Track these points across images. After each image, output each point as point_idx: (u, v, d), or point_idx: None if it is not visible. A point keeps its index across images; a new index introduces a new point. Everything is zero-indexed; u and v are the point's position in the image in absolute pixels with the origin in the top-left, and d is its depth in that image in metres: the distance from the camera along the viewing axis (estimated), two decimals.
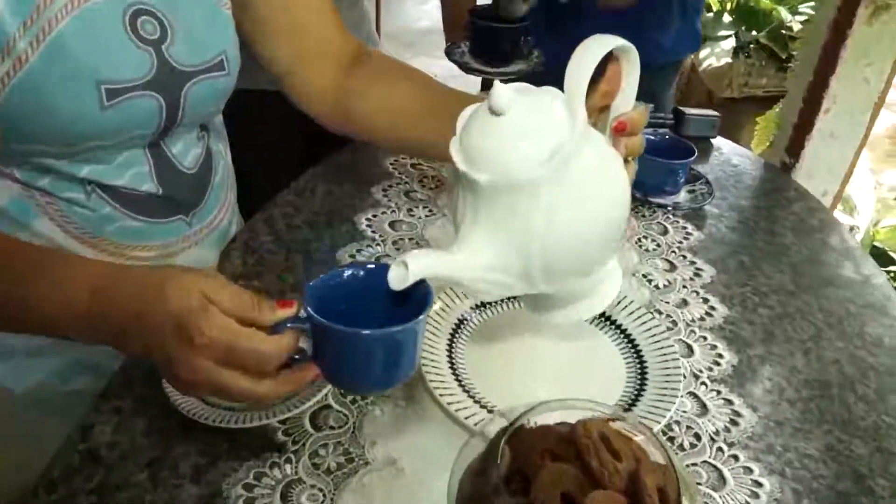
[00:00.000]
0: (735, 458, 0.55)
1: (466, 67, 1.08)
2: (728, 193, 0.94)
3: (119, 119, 0.56)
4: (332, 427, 0.55)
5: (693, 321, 0.70)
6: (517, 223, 0.44)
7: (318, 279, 0.44)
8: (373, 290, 0.44)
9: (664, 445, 0.36)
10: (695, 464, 0.55)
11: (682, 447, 0.56)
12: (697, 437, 0.57)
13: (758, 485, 0.53)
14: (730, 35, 2.54)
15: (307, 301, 0.42)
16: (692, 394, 0.61)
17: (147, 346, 0.42)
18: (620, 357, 0.63)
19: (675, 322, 0.69)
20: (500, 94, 0.43)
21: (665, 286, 0.75)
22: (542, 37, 1.10)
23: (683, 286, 0.75)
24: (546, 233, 0.44)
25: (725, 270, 0.78)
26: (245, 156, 0.84)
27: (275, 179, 0.88)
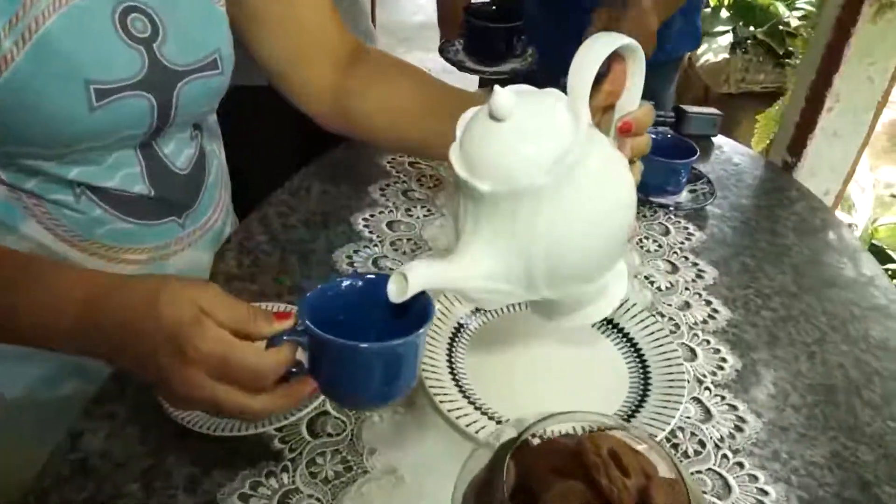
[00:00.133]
0: (740, 466, 0.54)
1: (460, 65, 1.06)
2: (729, 193, 0.93)
3: (109, 120, 0.54)
4: (330, 434, 0.54)
5: (696, 324, 0.69)
6: (520, 230, 0.43)
7: (316, 289, 0.43)
8: (372, 301, 0.42)
9: (674, 461, 0.35)
10: (699, 471, 0.54)
11: (687, 454, 0.55)
12: (702, 444, 0.56)
13: (763, 493, 0.53)
14: (727, 30, 2.53)
15: (304, 313, 0.40)
16: (696, 399, 0.60)
17: (139, 359, 0.41)
18: (623, 361, 0.62)
19: (678, 325, 0.68)
20: (502, 100, 0.42)
21: (667, 288, 0.74)
22: (539, 31, 1.09)
23: (686, 288, 0.74)
24: (550, 240, 0.43)
25: (728, 272, 0.77)
26: (239, 153, 0.83)
27: (270, 177, 0.87)
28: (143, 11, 0.56)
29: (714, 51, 2.50)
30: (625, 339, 0.64)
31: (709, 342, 0.67)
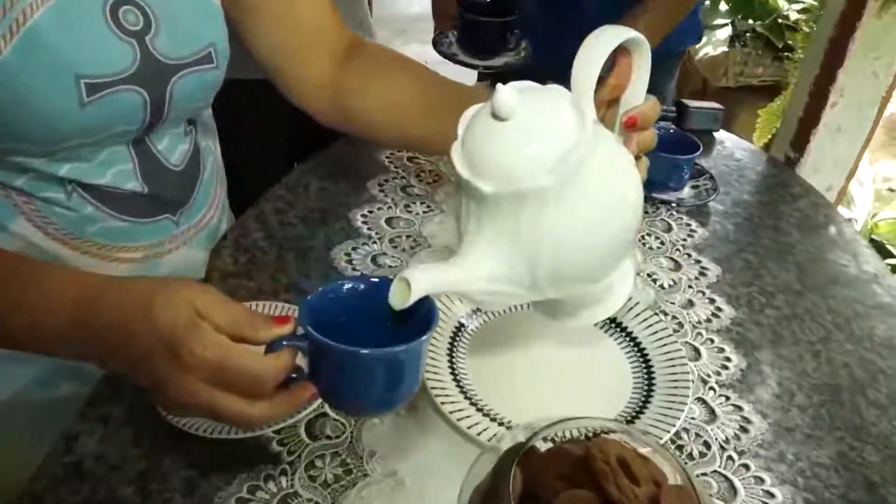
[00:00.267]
0: (746, 468, 0.54)
1: (453, 58, 1.05)
2: (731, 189, 0.92)
3: (101, 115, 0.53)
4: (329, 437, 0.53)
5: (699, 323, 0.68)
6: (523, 231, 0.42)
7: (316, 292, 0.41)
8: (374, 304, 0.41)
9: (684, 468, 0.34)
10: (705, 473, 0.53)
11: (692, 456, 0.54)
12: (707, 446, 0.55)
13: (770, 496, 0.52)
14: (726, 24, 2.51)
15: (304, 317, 0.39)
16: (700, 399, 0.59)
17: (132, 362, 0.40)
18: (626, 361, 0.61)
19: (682, 324, 0.67)
20: (504, 99, 0.41)
21: (670, 286, 0.73)
22: (538, 31, 1.07)
23: (689, 286, 0.73)
24: (554, 241, 0.42)
25: (731, 269, 0.76)
26: (234, 148, 0.81)
27: (266, 172, 0.86)
28: (136, 4, 0.54)
29: (713, 44, 2.48)
30: (628, 339, 0.63)
31: (713, 341, 0.66)
